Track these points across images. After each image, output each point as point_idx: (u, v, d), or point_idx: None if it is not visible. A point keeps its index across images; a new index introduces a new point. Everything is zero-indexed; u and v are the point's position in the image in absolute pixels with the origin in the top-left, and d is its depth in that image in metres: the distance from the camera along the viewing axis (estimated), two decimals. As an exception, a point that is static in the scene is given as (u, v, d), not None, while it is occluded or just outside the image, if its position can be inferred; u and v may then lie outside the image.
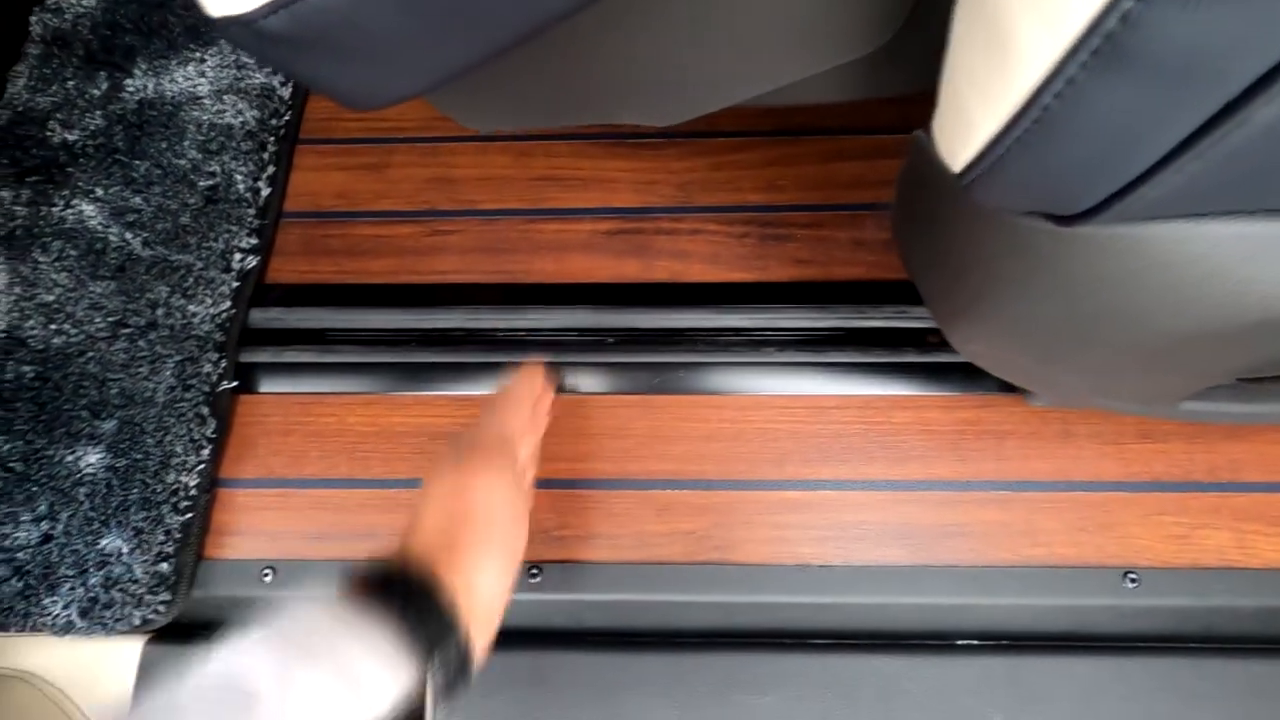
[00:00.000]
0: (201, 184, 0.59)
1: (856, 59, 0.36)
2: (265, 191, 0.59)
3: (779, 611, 0.50)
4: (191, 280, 0.55)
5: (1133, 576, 0.48)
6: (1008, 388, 0.53)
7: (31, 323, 0.55)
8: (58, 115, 0.62)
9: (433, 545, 0.34)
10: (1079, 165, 0.23)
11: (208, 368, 0.53)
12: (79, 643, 0.50)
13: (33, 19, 0.66)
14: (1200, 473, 0.51)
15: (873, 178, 0.61)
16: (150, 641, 0.50)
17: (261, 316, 0.58)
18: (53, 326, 0.54)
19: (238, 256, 0.56)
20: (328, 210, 0.62)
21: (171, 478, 0.50)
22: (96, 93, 0.62)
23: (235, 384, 0.54)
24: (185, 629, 0.51)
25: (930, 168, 0.32)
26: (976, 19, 0.23)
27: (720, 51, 0.34)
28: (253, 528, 0.52)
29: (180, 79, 0.63)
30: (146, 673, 0.50)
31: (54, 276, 0.56)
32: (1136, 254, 0.27)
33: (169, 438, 0.51)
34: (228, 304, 0.55)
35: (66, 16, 0.66)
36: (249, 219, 0.58)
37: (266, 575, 0.51)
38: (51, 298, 0.55)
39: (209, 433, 0.51)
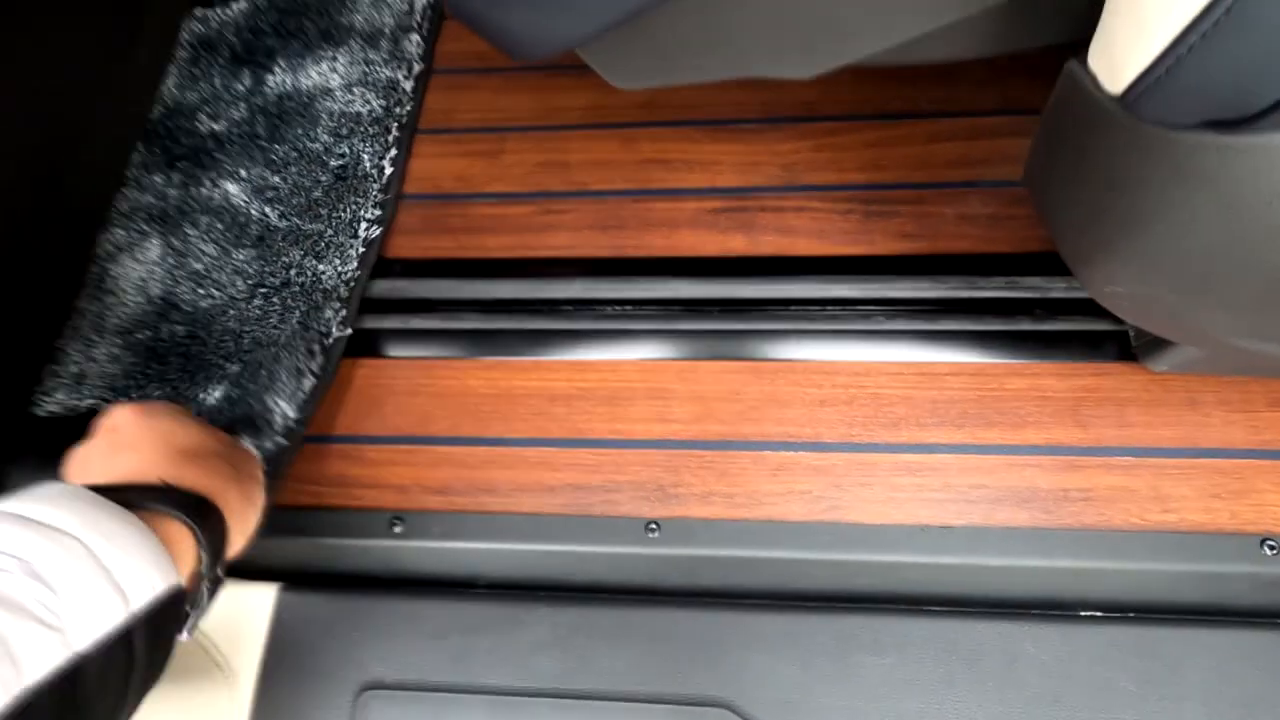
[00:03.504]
0: (332, 163, 0.63)
1: (990, 10, 0.37)
2: (389, 170, 0.63)
3: (897, 572, 0.50)
4: (323, 245, 0.59)
5: (1271, 544, 0.47)
6: (1125, 356, 0.53)
7: (183, 288, 0.59)
8: (205, 108, 0.67)
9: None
10: (1259, 60, 0.24)
11: (328, 314, 0.56)
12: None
13: (182, 28, 0.73)
14: (1338, 441, 0.49)
15: (973, 157, 0.62)
16: (284, 589, 0.53)
17: (387, 287, 0.61)
18: (200, 291, 0.59)
19: (364, 225, 0.60)
20: (447, 192, 0.65)
21: (272, 401, 0.53)
22: (241, 88, 0.68)
23: (350, 332, 0.57)
24: (318, 577, 0.54)
25: (1081, 96, 0.33)
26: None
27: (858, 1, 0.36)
28: (381, 481, 0.54)
29: (315, 75, 0.68)
30: (280, 618, 0.52)
31: (202, 248, 0.60)
32: (1311, 161, 0.28)
33: (279, 368, 0.54)
34: (354, 265, 0.58)
35: (213, 25, 0.72)
36: (374, 193, 0.62)
37: (396, 526, 0.53)
38: (200, 266, 0.60)
39: (314, 366, 0.54)
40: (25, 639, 0.28)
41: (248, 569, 0.54)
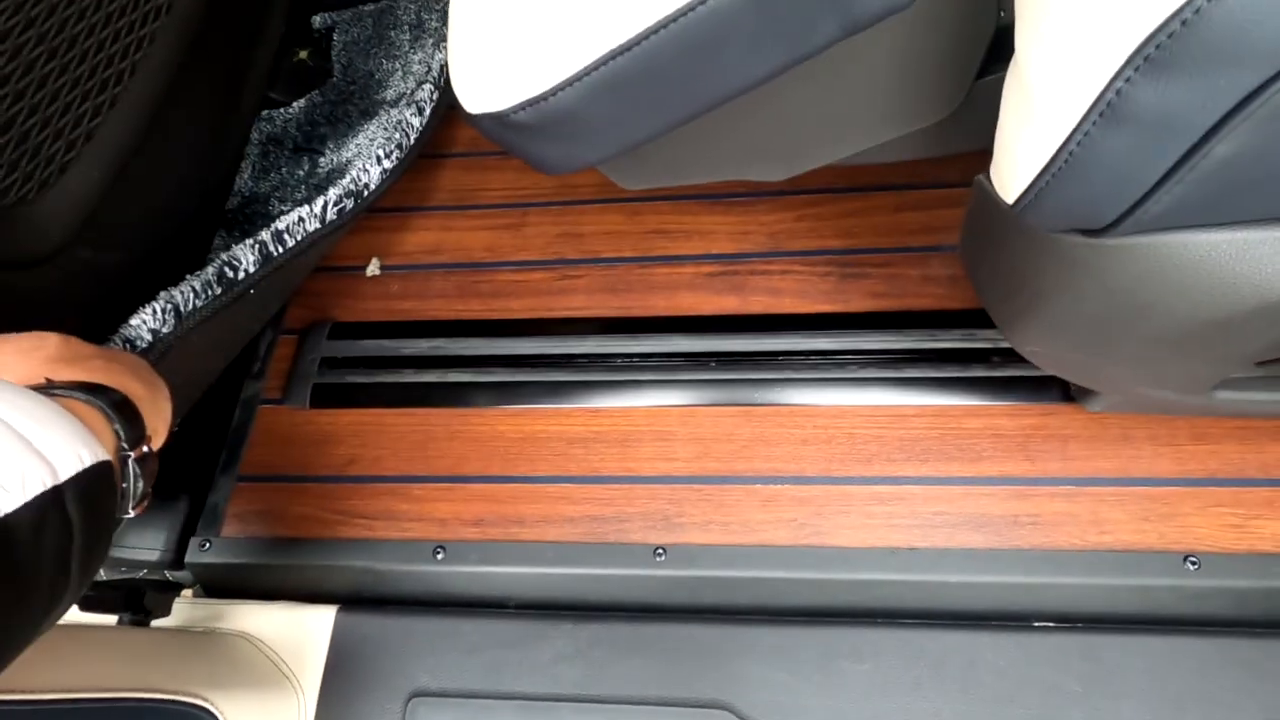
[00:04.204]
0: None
1: (927, 126, 0.47)
2: (372, 171, 0.68)
3: (872, 589, 0.57)
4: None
5: (1193, 560, 0.54)
6: (1068, 397, 0.61)
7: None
8: (276, 195, 0.78)
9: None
10: (1098, 190, 0.33)
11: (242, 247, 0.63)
12: (284, 610, 0.61)
13: (254, 127, 0.84)
14: (1253, 469, 0.57)
15: (935, 224, 0.71)
16: (342, 611, 0.61)
17: (427, 345, 0.70)
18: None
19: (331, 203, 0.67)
20: (478, 261, 0.75)
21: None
22: (301, 173, 0.79)
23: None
24: (371, 600, 0.62)
25: (990, 203, 0.42)
26: (1020, 98, 0.34)
27: (825, 122, 0.45)
28: (425, 515, 0.63)
29: (353, 147, 0.78)
30: (339, 636, 0.60)
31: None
32: (1153, 258, 0.36)
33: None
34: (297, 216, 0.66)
35: (278, 123, 0.83)
36: (344, 183, 0.67)
37: (438, 554, 0.61)
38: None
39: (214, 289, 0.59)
40: None
41: (309, 594, 0.63)
